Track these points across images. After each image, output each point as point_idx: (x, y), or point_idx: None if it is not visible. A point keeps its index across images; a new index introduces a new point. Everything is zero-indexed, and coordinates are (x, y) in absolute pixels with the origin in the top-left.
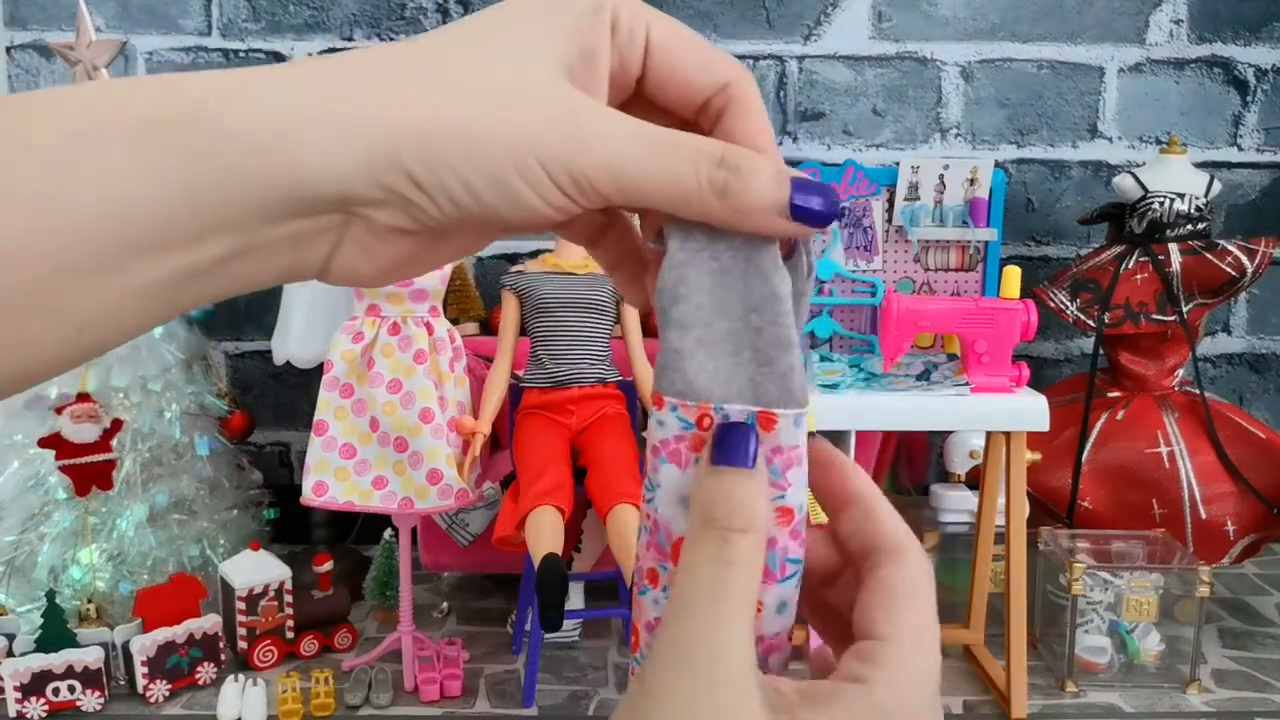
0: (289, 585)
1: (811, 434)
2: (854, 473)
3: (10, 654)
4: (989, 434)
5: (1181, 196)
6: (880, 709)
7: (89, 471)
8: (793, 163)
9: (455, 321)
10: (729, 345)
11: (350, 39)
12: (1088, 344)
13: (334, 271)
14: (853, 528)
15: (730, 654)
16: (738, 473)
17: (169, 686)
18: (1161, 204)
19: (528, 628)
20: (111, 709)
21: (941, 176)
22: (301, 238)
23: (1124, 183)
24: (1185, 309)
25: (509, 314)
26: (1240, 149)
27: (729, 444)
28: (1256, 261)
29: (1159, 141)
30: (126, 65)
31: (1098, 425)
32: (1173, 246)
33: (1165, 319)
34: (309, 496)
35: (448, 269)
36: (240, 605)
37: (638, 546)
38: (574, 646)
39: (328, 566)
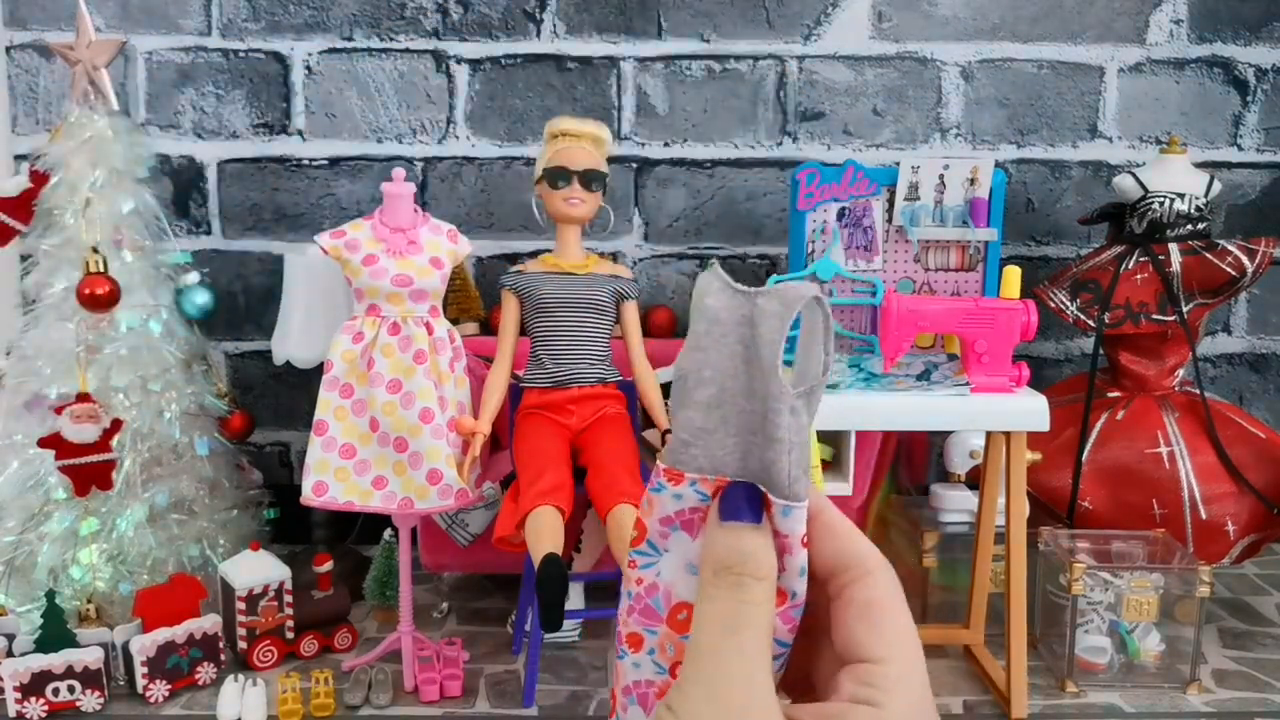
0: (289, 585)
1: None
2: (812, 491)
3: (10, 654)
4: (989, 434)
5: (1181, 196)
6: None
7: (89, 471)
8: (793, 163)
9: (455, 321)
10: (747, 424)
11: (350, 39)
12: (1088, 344)
13: None
14: (815, 545)
15: (754, 681)
16: (749, 527)
17: (169, 687)
18: (1162, 204)
19: (528, 628)
20: (111, 709)
21: (941, 176)
22: None
23: (1124, 183)
24: (1185, 309)
25: (509, 314)
26: (1240, 149)
27: (738, 501)
28: (1257, 261)
29: (1159, 141)
30: (126, 65)
31: (1098, 425)
32: (1173, 246)
33: (1165, 319)
34: (309, 496)
35: (448, 268)
36: (240, 605)
37: (619, 612)
38: (574, 646)
39: (328, 566)
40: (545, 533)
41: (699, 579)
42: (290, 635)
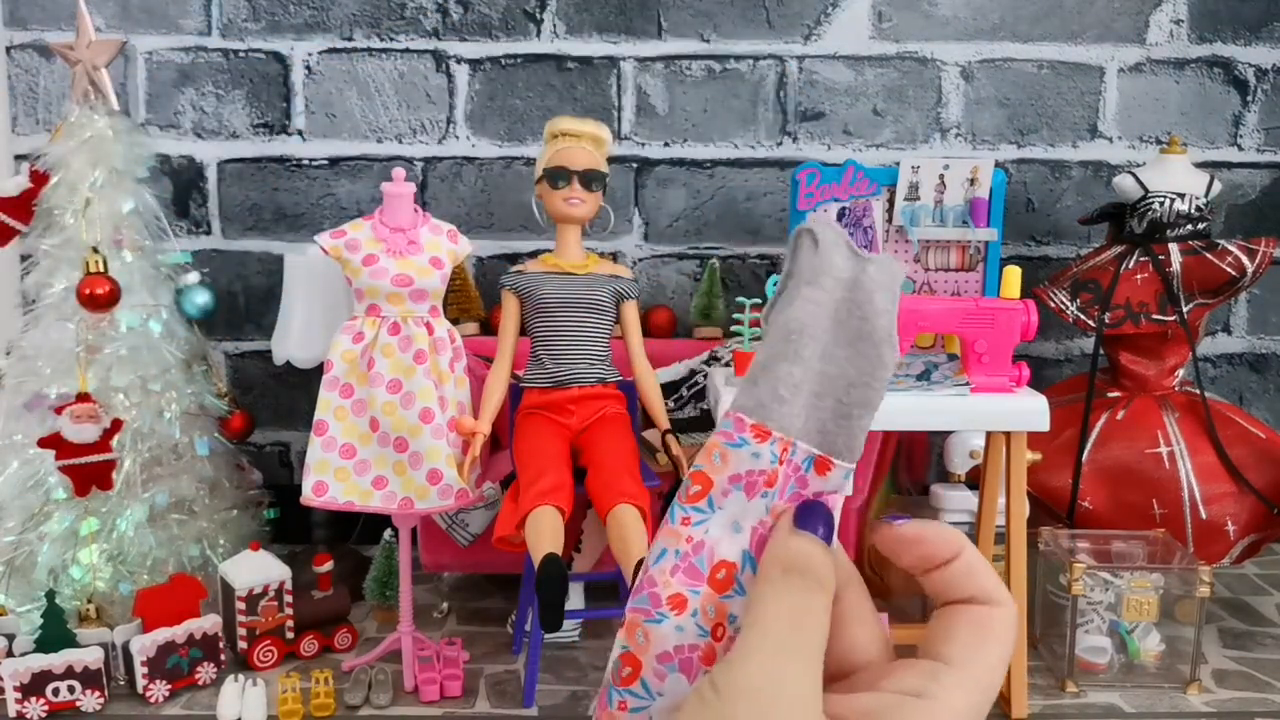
0: (289, 585)
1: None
2: (954, 534)
3: (10, 654)
4: (989, 434)
5: (1182, 196)
6: None
7: (89, 471)
8: (793, 163)
9: (455, 321)
10: (817, 387)
11: (350, 39)
12: (1088, 344)
13: None
14: (950, 579)
15: (805, 685)
16: (821, 542)
17: (169, 687)
18: (1162, 204)
19: (528, 628)
20: (111, 709)
21: (942, 176)
22: None
23: (1124, 183)
24: (1185, 309)
25: (509, 314)
26: (1240, 149)
27: (814, 517)
28: (1257, 261)
29: (1159, 141)
30: (126, 65)
31: (1098, 425)
32: (1173, 246)
33: (1165, 319)
34: (309, 496)
35: (448, 268)
36: (240, 605)
37: (654, 572)
38: (574, 646)
39: (328, 566)
40: (545, 533)
41: (761, 575)
42: (290, 635)
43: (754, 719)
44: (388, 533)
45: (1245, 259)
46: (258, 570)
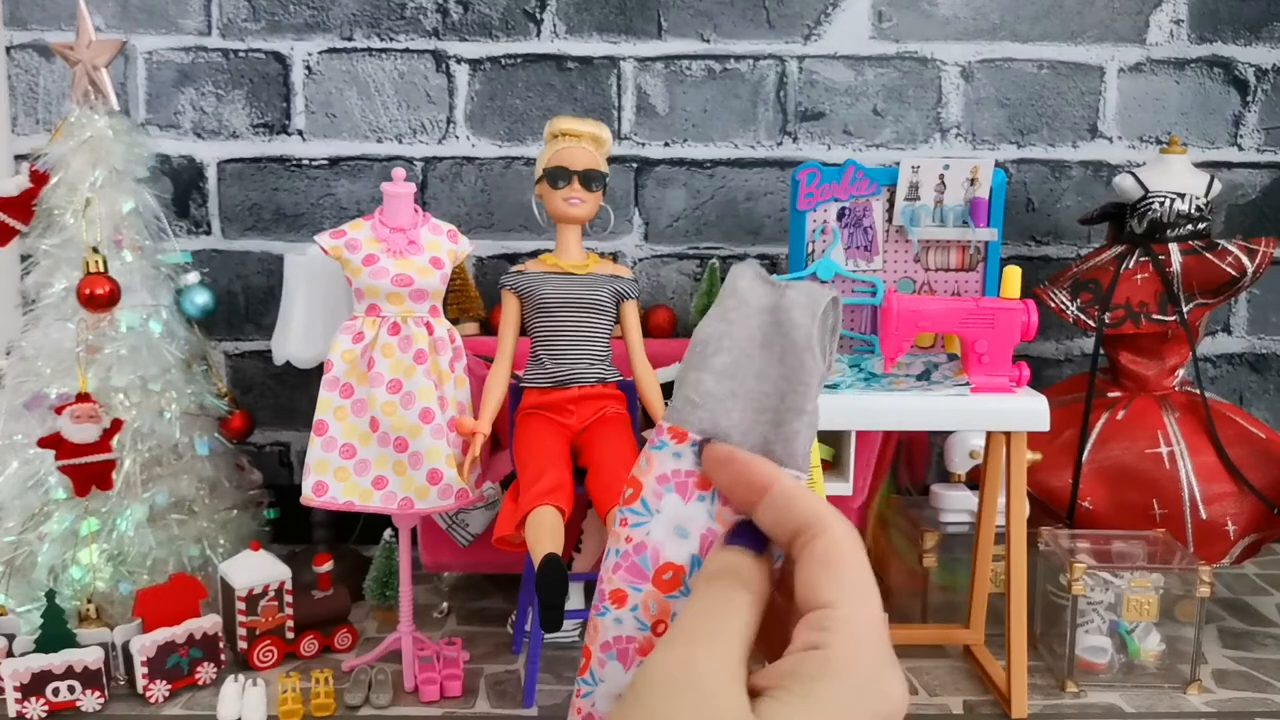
0: (289, 585)
1: (707, 440)
2: (760, 463)
3: (10, 654)
4: (989, 434)
5: (1182, 196)
6: (839, 666)
7: (89, 471)
8: (793, 163)
9: (455, 321)
10: (755, 403)
11: (350, 39)
12: (1088, 344)
13: None
14: (774, 515)
15: (714, 670)
16: (745, 551)
17: (169, 687)
18: (1162, 204)
19: (528, 628)
20: (111, 709)
21: (942, 176)
22: None
23: (1124, 183)
24: (1185, 309)
25: (509, 314)
26: (1240, 149)
27: (745, 533)
28: (1257, 261)
29: (1159, 141)
30: (126, 65)
31: (1098, 425)
32: (1173, 246)
33: (1166, 319)
34: (309, 496)
35: (448, 268)
36: (240, 605)
37: (603, 569)
38: (574, 646)
39: (328, 566)
40: (545, 533)
41: (693, 587)
42: (290, 635)
43: (666, 700)
44: (388, 533)
45: (1245, 259)
46: (258, 570)
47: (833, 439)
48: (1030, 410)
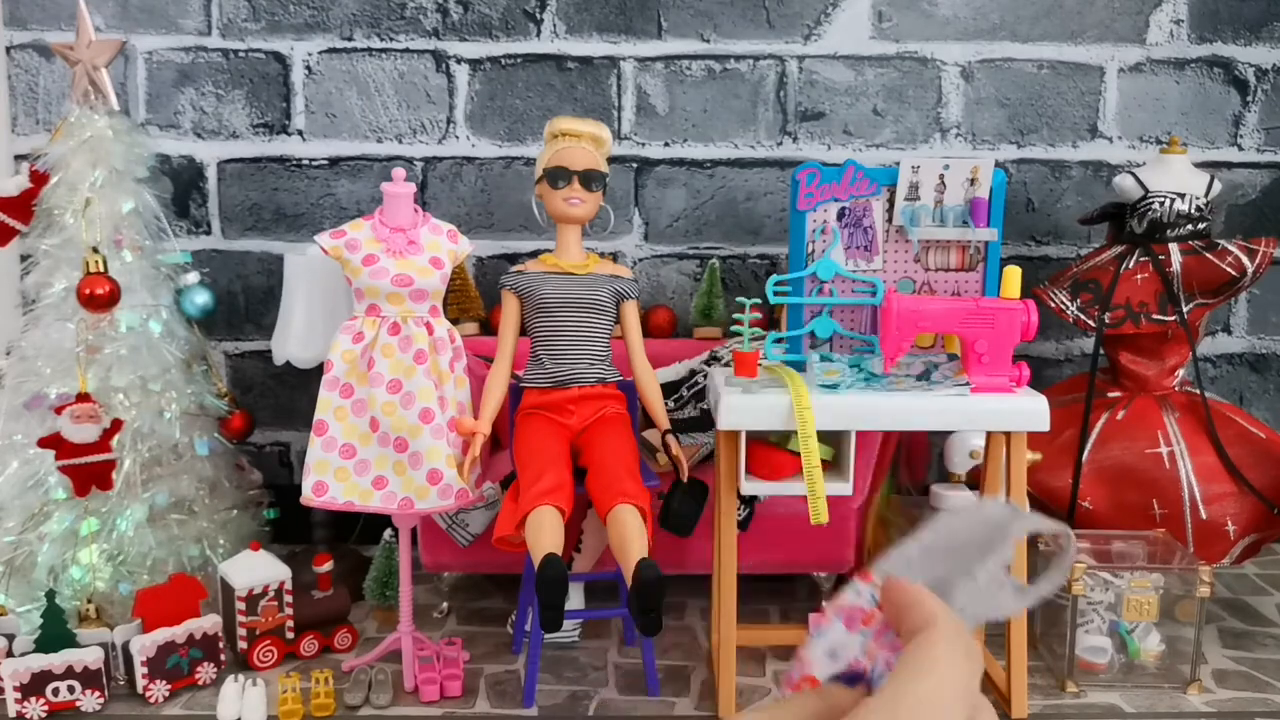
0: (289, 585)
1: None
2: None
3: (10, 654)
4: (989, 434)
5: (1182, 196)
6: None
7: (89, 471)
8: (793, 163)
9: (455, 321)
10: (931, 571)
11: (350, 39)
12: (1088, 344)
13: None
14: (892, 611)
15: None
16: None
17: (169, 687)
18: (1162, 204)
19: (528, 628)
20: (111, 709)
21: (942, 176)
22: None
23: (1124, 183)
24: (1185, 309)
25: (509, 314)
26: (1240, 149)
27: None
28: (1257, 261)
29: (1159, 141)
30: (126, 65)
31: (1098, 425)
32: (1173, 246)
33: (1166, 319)
34: (309, 496)
35: (448, 268)
36: (240, 605)
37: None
38: (574, 646)
39: (328, 566)
40: (545, 533)
41: (938, 632)
42: (290, 635)
43: None
44: (388, 533)
45: (1245, 259)
46: (258, 570)
47: (833, 439)
48: (1030, 410)
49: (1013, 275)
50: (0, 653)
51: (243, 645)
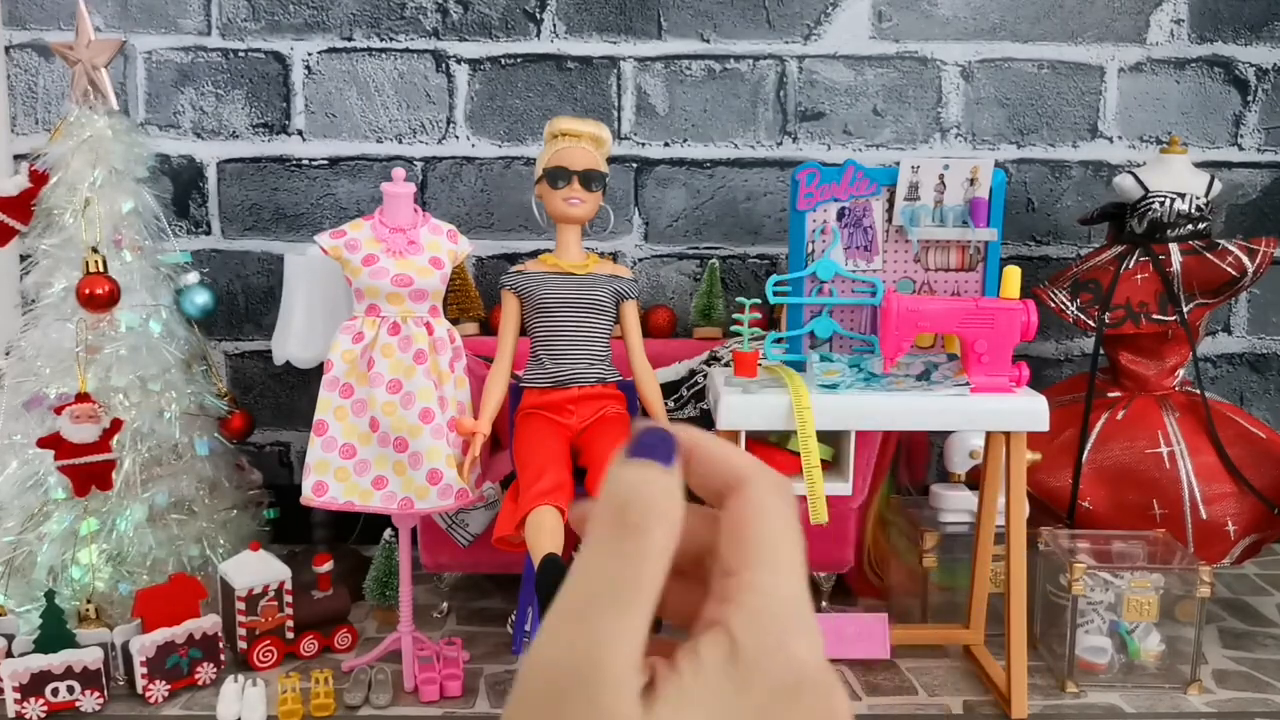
0: (289, 585)
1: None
2: (681, 426)
3: (10, 654)
4: (989, 434)
5: (1182, 196)
6: (740, 651)
7: (88, 471)
8: (793, 163)
9: (455, 321)
10: None
11: (350, 39)
12: (1088, 344)
13: None
14: (699, 480)
15: (623, 673)
16: (656, 467)
17: (168, 687)
18: (1162, 204)
19: (528, 628)
20: (111, 709)
21: (941, 176)
22: None
23: (1124, 182)
24: (1186, 309)
25: (509, 314)
26: (1241, 149)
27: (649, 441)
28: (1257, 261)
29: (1159, 141)
30: (126, 65)
31: (1098, 425)
32: (1173, 246)
33: (1166, 319)
34: (309, 496)
35: (448, 268)
36: (240, 605)
37: None
38: None
39: (328, 566)
40: (545, 533)
41: (593, 521)
42: (290, 635)
43: (559, 706)
44: (388, 533)
45: (1246, 259)
46: (258, 570)
47: (833, 439)
48: (1030, 410)
49: (1012, 275)
50: (0, 653)
51: (242, 645)
